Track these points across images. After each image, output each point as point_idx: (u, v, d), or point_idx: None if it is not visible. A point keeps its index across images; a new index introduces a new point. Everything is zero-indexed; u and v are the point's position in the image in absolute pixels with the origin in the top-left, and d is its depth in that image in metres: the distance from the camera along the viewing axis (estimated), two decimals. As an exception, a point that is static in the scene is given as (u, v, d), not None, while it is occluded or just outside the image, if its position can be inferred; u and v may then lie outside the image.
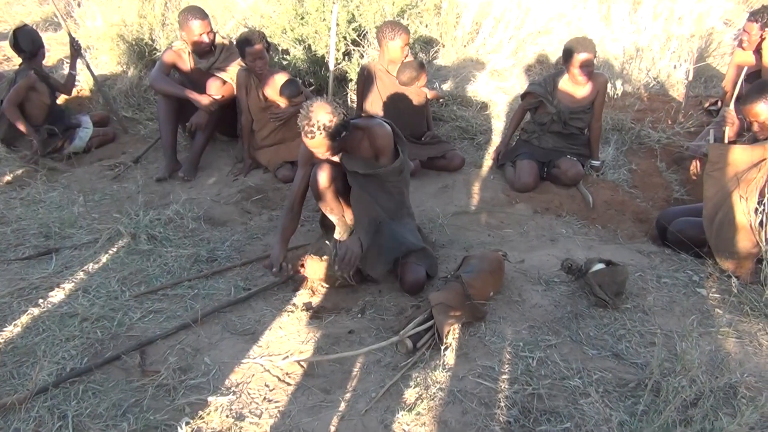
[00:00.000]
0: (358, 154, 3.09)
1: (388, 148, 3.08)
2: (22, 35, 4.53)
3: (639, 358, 2.63)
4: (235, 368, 2.61)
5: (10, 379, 2.53)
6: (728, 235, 3.19)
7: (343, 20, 5.25)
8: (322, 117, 2.83)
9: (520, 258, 3.38)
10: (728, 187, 3.21)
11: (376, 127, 3.07)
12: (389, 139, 3.07)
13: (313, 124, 2.83)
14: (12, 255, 3.43)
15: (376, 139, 3.05)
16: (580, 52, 3.96)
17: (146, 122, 5.21)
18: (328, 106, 2.87)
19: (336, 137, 2.90)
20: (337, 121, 2.86)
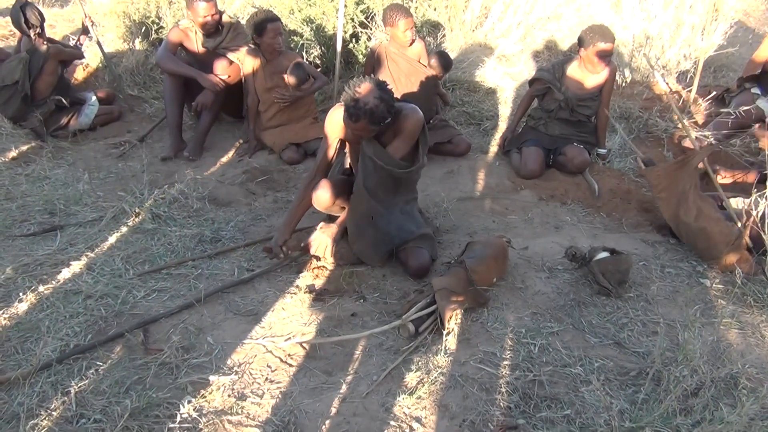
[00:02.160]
0: (383, 138, 2.99)
1: (411, 136, 2.97)
2: (30, 10, 4.50)
3: (641, 347, 2.63)
4: (238, 348, 2.63)
5: (14, 354, 2.54)
6: (705, 244, 3.23)
7: (351, 2, 5.21)
8: (371, 101, 2.74)
9: (524, 245, 3.38)
10: (680, 202, 3.28)
11: (410, 111, 2.96)
12: (418, 128, 2.97)
13: (359, 108, 2.74)
14: (17, 231, 3.44)
15: (405, 121, 2.93)
16: (601, 41, 3.92)
17: (152, 101, 5.20)
18: (377, 90, 2.77)
19: (380, 123, 2.82)
20: (384, 107, 2.77)
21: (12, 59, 4.54)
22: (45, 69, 4.50)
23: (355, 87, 2.78)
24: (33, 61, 4.45)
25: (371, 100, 2.74)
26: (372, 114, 2.76)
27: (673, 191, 3.32)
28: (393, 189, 3.13)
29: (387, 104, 2.79)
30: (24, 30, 4.53)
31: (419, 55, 4.44)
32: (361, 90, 2.76)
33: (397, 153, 3.00)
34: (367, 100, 2.74)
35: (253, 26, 4.27)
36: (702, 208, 3.25)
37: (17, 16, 4.50)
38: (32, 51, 4.49)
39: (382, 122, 2.82)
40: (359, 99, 2.75)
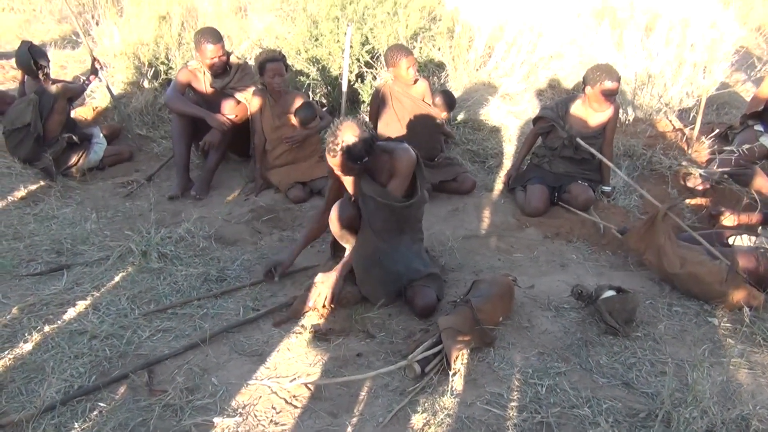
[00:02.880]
0: (379, 178, 3.06)
1: (406, 174, 3.04)
2: (36, 51, 4.58)
3: (650, 388, 2.61)
4: (242, 389, 2.61)
5: (18, 395, 2.53)
6: (699, 288, 3.23)
7: (357, 42, 5.30)
8: (348, 137, 2.84)
9: (530, 283, 3.37)
10: (660, 257, 3.32)
11: (402, 151, 3.04)
12: (411, 167, 3.04)
13: (337, 143, 2.84)
14: (24, 270, 3.45)
15: (397, 161, 3.02)
16: (608, 80, 3.97)
17: (160, 140, 5.26)
18: (356, 128, 2.87)
19: (357, 160, 2.90)
20: (361, 145, 2.86)
21: (20, 102, 4.60)
22: (55, 108, 4.57)
23: (336, 126, 2.89)
24: (43, 101, 4.52)
25: (348, 138, 2.84)
26: (349, 151, 2.85)
27: (652, 249, 3.37)
28: (397, 228, 3.15)
29: (364, 143, 2.88)
30: (33, 71, 4.60)
31: (423, 94, 4.50)
32: (341, 127, 2.87)
33: (395, 192, 3.06)
34: (344, 137, 2.84)
35: (256, 66, 4.36)
36: (684, 256, 3.29)
37: (26, 57, 4.56)
38: (41, 92, 4.55)
39: (359, 160, 2.91)
40: (337, 136, 2.85)
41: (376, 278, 3.12)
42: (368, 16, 5.49)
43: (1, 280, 3.36)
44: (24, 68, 4.66)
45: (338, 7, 5.41)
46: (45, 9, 8.57)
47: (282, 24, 6.14)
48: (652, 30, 6.76)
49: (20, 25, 8.21)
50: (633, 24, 6.96)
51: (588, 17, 7.28)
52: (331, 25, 5.37)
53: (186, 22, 6.31)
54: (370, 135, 2.92)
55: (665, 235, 3.34)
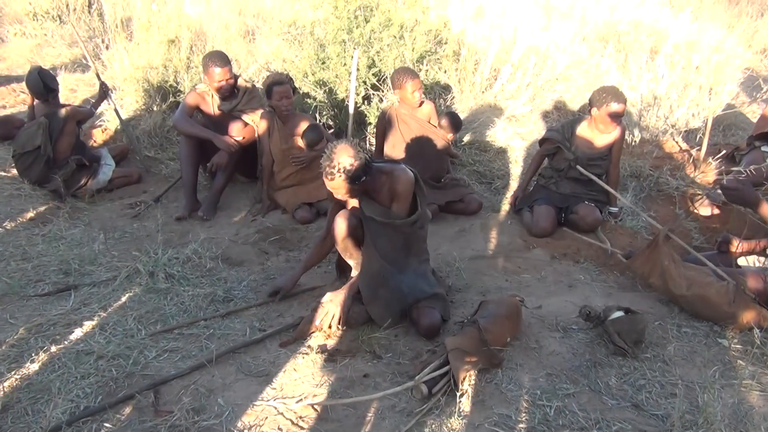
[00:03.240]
0: (379, 198, 3.09)
1: (406, 196, 3.06)
2: (46, 75, 4.64)
3: (659, 410, 2.58)
4: (249, 410, 2.59)
5: (24, 416, 2.52)
6: (707, 310, 3.20)
7: (364, 65, 5.35)
8: (344, 160, 2.86)
9: (538, 304, 3.35)
10: (666, 280, 3.31)
11: (399, 171, 3.06)
12: (410, 187, 3.06)
13: (334, 166, 2.86)
14: (32, 291, 3.46)
15: (396, 183, 3.04)
16: (615, 102, 3.99)
17: (168, 162, 5.30)
18: (351, 149, 2.89)
19: (355, 181, 2.92)
20: (358, 165, 2.89)
21: (31, 125, 4.64)
22: (64, 131, 4.61)
23: (331, 149, 2.91)
24: (52, 124, 4.56)
25: (344, 160, 2.86)
26: (347, 173, 2.87)
27: (657, 272, 3.37)
28: (402, 248, 3.15)
29: (362, 162, 2.90)
30: (43, 95, 4.65)
31: (429, 116, 4.53)
32: (336, 150, 2.89)
33: (397, 213, 3.08)
34: (340, 159, 2.86)
35: (264, 89, 4.41)
36: (691, 277, 3.28)
37: (36, 81, 4.61)
38: (50, 115, 4.60)
39: (357, 180, 2.92)
40: (333, 159, 2.87)
41: (383, 298, 3.12)
42: (375, 40, 5.54)
43: (9, 300, 3.37)
44: (34, 92, 4.71)
45: (345, 30, 5.46)
46: (56, 34, 8.69)
47: (289, 47, 6.20)
48: (657, 52, 6.81)
49: (31, 50, 8.31)
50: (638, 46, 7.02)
51: (593, 40, 7.33)
52: (338, 48, 5.42)
53: (195, 46, 6.39)
54: (366, 155, 2.94)
55: (669, 257, 3.34)
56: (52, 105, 4.67)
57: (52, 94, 4.66)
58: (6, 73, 7.66)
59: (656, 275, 3.37)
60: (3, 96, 6.86)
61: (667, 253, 3.37)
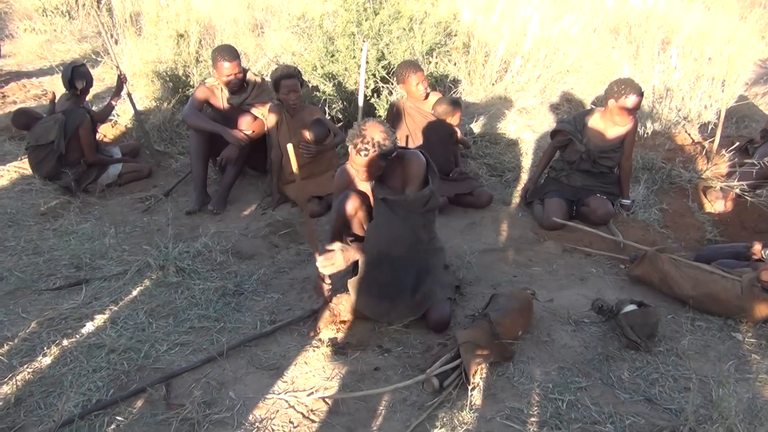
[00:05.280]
0: (390, 183, 3.09)
1: (418, 178, 3.06)
2: (78, 73, 4.66)
3: (673, 404, 2.55)
4: (260, 403, 2.59)
5: (36, 409, 2.53)
6: (717, 306, 3.18)
7: (373, 58, 5.32)
8: (377, 135, 2.88)
9: (549, 297, 3.33)
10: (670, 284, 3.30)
11: (411, 155, 3.09)
12: (422, 170, 3.06)
13: (367, 142, 2.86)
14: (43, 285, 3.48)
15: (409, 166, 3.05)
16: (632, 94, 3.94)
17: (178, 156, 5.30)
18: (381, 125, 2.92)
19: (386, 157, 2.93)
20: (389, 142, 2.91)
21: (47, 120, 4.65)
22: (79, 133, 4.60)
23: (360, 126, 2.92)
24: (68, 122, 4.57)
25: (378, 134, 2.88)
26: (380, 146, 2.88)
27: (658, 277, 3.36)
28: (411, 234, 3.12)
29: (391, 138, 2.93)
30: (66, 87, 4.67)
31: (436, 109, 4.50)
32: (367, 127, 2.91)
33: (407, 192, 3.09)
34: (374, 135, 2.88)
35: (272, 82, 4.41)
36: (694, 276, 3.27)
37: (66, 72, 4.64)
38: (68, 112, 4.61)
39: (389, 155, 2.95)
40: (365, 136, 2.87)
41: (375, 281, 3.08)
42: (384, 32, 5.51)
43: (21, 294, 3.39)
44: (63, 81, 4.73)
45: (354, 23, 5.44)
46: (66, 29, 8.72)
47: (298, 41, 6.19)
48: (669, 43, 6.75)
49: (41, 45, 8.35)
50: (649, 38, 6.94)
51: (604, 32, 7.27)
52: (347, 41, 5.40)
53: (203, 40, 6.39)
54: (392, 131, 2.96)
55: (667, 261, 3.33)
56: (73, 103, 4.68)
57: (74, 91, 4.66)
58: (17, 69, 7.70)
59: (658, 280, 3.36)
60: (14, 91, 6.88)
61: (665, 258, 3.36)
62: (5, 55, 7.90)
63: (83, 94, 4.75)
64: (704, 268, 3.29)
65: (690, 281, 3.25)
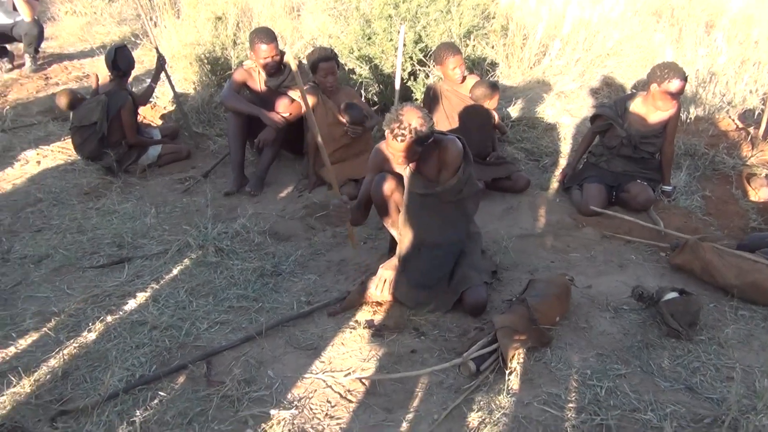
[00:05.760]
0: (425, 169, 3.07)
1: (454, 166, 3.04)
2: (121, 55, 4.72)
3: (715, 393, 2.52)
4: (298, 382, 2.63)
5: (83, 382, 2.61)
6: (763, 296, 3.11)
7: (410, 40, 5.29)
8: (415, 121, 2.84)
9: (588, 283, 3.30)
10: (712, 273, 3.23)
11: (449, 142, 3.05)
12: (458, 157, 3.03)
13: (404, 127, 2.83)
14: (87, 263, 3.56)
15: (446, 153, 3.02)
16: (676, 78, 3.84)
17: (216, 138, 5.35)
18: (419, 111, 2.88)
19: (422, 143, 2.91)
20: (426, 128, 2.88)
21: (91, 101, 4.73)
22: (121, 115, 4.67)
23: (398, 110, 2.88)
24: (111, 103, 4.64)
25: (415, 120, 2.84)
26: (417, 132, 2.84)
27: (700, 266, 3.29)
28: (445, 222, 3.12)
29: (428, 124, 2.89)
30: (109, 69, 4.74)
31: (473, 92, 4.46)
32: (404, 112, 2.86)
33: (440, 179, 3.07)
34: (410, 121, 2.83)
35: (309, 64, 4.41)
36: (738, 265, 3.19)
37: (109, 54, 4.71)
38: (112, 94, 4.69)
39: (425, 141, 2.91)
40: (402, 121, 2.83)
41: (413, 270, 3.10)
42: (421, 15, 5.47)
43: (66, 271, 3.47)
44: (105, 63, 4.80)
45: (391, 5, 5.40)
46: (105, 12, 8.84)
47: (335, 23, 6.17)
48: (714, 26, 6.57)
49: (82, 28, 8.47)
50: (693, 20, 6.77)
51: (645, 14, 7.10)
52: (384, 23, 5.36)
53: (241, 23, 6.42)
54: (430, 117, 2.93)
55: (710, 250, 3.27)
56: (116, 85, 4.75)
57: (117, 73, 4.73)
58: (58, 51, 7.84)
59: (700, 269, 3.29)
60: (56, 73, 7.02)
61: (707, 246, 3.29)
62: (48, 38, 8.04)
63: (125, 76, 4.82)
64: (748, 257, 3.23)
65: (733, 270, 3.18)
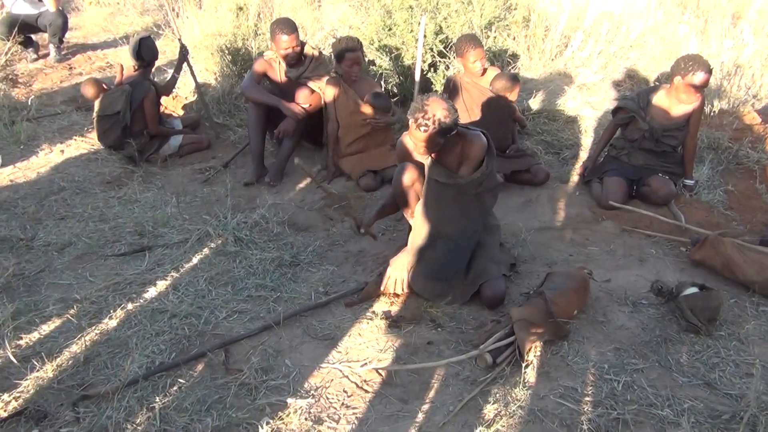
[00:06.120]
0: (447, 160, 3.06)
1: (476, 161, 3.02)
2: (145, 45, 4.77)
3: (734, 389, 2.49)
4: (315, 372, 2.65)
5: (104, 368, 2.66)
6: None
7: (431, 32, 5.27)
8: (440, 112, 2.83)
9: (606, 277, 3.28)
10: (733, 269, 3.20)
11: (473, 136, 3.03)
12: (482, 152, 3.02)
13: (429, 117, 2.82)
14: (109, 251, 3.61)
15: (470, 147, 3.01)
16: (701, 71, 3.79)
17: (236, 128, 5.38)
18: (444, 102, 2.87)
19: (445, 135, 2.90)
20: (451, 120, 2.87)
21: (115, 91, 4.78)
22: (144, 105, 4.72)
23: (423, 100, 2.87)
24: (134, 93, 4.69)
25: (440, 111, 2.83)
26: (441, 124, 2.83)
27: (720, 262, 3.26)
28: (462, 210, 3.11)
29: (452, 116, 2.88)
30: (133, 59, 4.78)
31: (494, 84, 4.43)
32: (429, 102, 2.85)
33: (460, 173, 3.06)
34: (435, 111, 2.82)
35: (334, 52, 4.42)
36: (760, 260, 3.15)
37: (133, 45, 4.75)
38: (135, 84, 4.73)
39: (448, 133, 2.91)
40: (427, 111, 2.82)
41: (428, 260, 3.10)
42: (442, 6, 5.45)
43: (88, 259, 3.53)
44: (130, 53, 4.85)
45: (412, -4, 5.39)
46: (128, 2, 8.91)
47: (356, 14, 6.18)
48: (740, 18, 6.46)
49: (105, 18, 8.56)
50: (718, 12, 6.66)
51: (670, 5, 7.00)
52: (405, 14, 5.35)
53: (262, 13, 6.44)
54: (454, 109, 2.92)
55: (731, 246, 3.23)
56: (140, 75, 4.80)
57: (141, 63, 4.77)
58: (82, 41, 7.93)
59: (720, 265, 3.26)
60: (80, 63, 7.10)
61: (728, 242, 3.25)
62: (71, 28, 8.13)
63: (149, 66, 4.86)
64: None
65: (754, 266, 3.14)
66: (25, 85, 6.44)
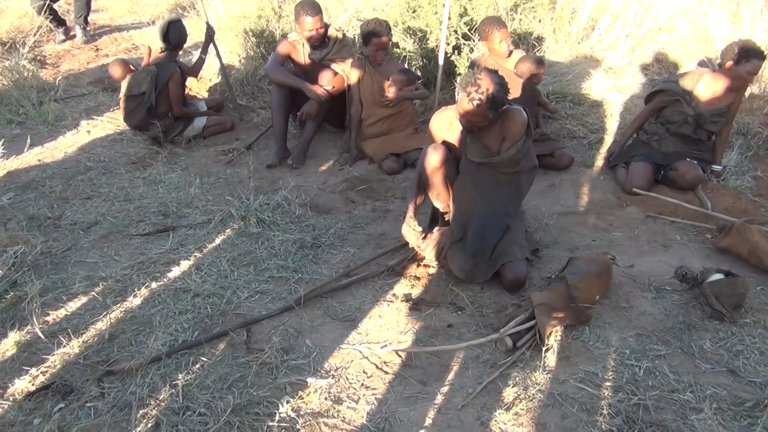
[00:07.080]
0: (486, 139, 3.04)
1: (518, 136, 3.00)
2: (174, 28, 4.80)
3: (758, 377, 2.46)
4: (335, 352, 2.67)
5: (128, 345, 2.71)
6: None
7: (455, 14, 5.21)
8: (492, 86, 2.81)
9: (630, 263, 3.24)
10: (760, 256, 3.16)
11: (515, 111, 3.01)
12: (523, 127, 3.00)
13: (482, 92, 2.79)
14: (134, 230, 3.66)
15: (511, 122, 2.99)
16: (754, 58, 3.72)
17: (259, 110, 5.40)
18: (496, 77, 2.85)
19: (496, 109, 2.88)
20: (503, 94, 2.86)
21: (141, 72, 4.83)
22: (169, 86, 4.75)
23: (475, 74, 2.83)
24: (160, 74, 4.73)
25: (493, 86, 2.80)
26: (494, 98, 2.81)
27: (747, 249, 3.21)
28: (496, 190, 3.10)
29: (505, 91, 2.87)
30: (161, 41, 4.82)
31: (520, 67, 4.38)
32: (482, 76, 2.82)
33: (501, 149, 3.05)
34: (488, 84, 2.80)
35: (361, 34, 4.45)
36: None
37: (162, 27, 4.79)
38: (161, 65, 4.77)
39: (500, 108, 2.89)
40: (481, 84, 2.79)
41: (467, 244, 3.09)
42: (467, -13, 5.38)
43: (113, 238, 3.58)
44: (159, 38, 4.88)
45: (437, -22, 5.33)
46: (154, -16, 8.95)
47: (380, -4, 6.12)
48: (775, -1, 6.27)
49: (132, 0, 8.61)
50: (752, -7, 6.48)
51: (701, -13, 6.83)
52: (430, -4, 5.30)
53: (286, -5, 6.42)
54: (506, 85, 2.90)
55: (757, 232, 3.18)
56: (166, 57, 4.83)
57: (168, 46, 4.80)
58: (108, 23, 7.98)
59: (747, 252, 3.21)
60: (106, 45, 7.16)
61: (754, 229, 3.20)
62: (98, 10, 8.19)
63: (176, 49, 4.89)
64: None
65: None
66: (52, 66, 6.53)
